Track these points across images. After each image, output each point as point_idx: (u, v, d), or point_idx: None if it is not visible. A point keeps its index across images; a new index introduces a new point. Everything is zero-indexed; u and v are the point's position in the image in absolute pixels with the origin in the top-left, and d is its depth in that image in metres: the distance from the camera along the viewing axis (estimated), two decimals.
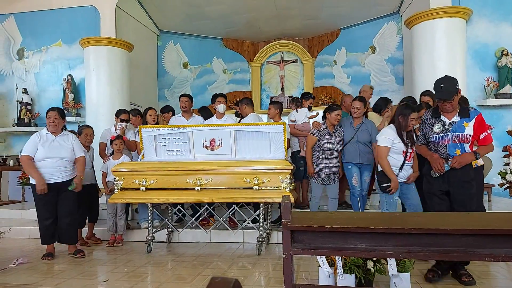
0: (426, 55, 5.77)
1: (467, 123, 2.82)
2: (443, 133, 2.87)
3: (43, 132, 3.88)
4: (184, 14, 8.13)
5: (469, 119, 2.82)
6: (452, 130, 2.84)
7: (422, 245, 1.38)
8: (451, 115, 2.89)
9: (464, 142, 2.82)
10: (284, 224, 1.50)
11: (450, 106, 2.80)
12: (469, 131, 2.81)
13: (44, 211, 3.80)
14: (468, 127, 2.81)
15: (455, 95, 2.78)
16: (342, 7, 7.80)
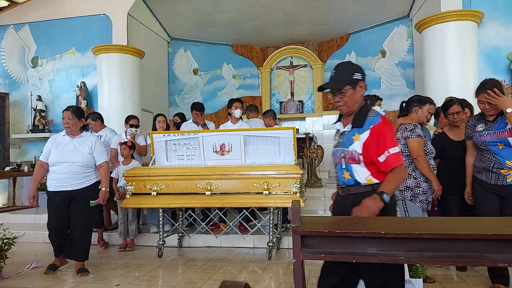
0: (437, 59, 5.73)
1: (358, 135, 1.87)
2: (336, 146, 2.02)
3: (60, 134, 3.57)
4: (194, 21, 8.23)
5: (361, 129, 1.87)
6: (342, 144, 1.96)
7: (433, 250, 1.37)
8: (347, 120, 1.99)
9: (350, 162, 1.91)
10: (294, 229, 1.51)
11: (342, 102, 1.90)
12: (356, 147, 1.87)
13: (51, 221, 3.45)
14: (357, 141, 1.87)
15: (347, 86, 1.87)
16: (350, 12, 7.81)
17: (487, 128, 2.69)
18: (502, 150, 2.61)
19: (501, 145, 2.60)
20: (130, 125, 4.86)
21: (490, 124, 2.69)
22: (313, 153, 6.17)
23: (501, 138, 2.60)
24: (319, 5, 7.56)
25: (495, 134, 2.63)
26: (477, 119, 2.80)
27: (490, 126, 2.68)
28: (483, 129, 2.70)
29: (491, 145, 2.64)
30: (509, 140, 2.57)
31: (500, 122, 2.63)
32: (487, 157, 2.68)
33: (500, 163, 2.60)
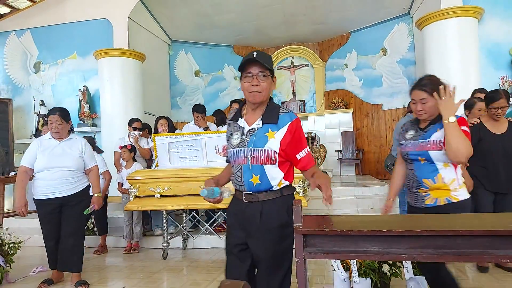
0: (438, 56, 5.71)
1: (273, 132, 1.70)
2: (239, 146, 1.75)
3: (44, 137, 3.25)
4: (194, 24, 8.25)
5: (276, 125, 1.71)
6: (252, 143, 1.71)
7: (435, 247, 1.37)
8: (252, 116, 1.78)
9: (263, 163, 1.69)
10: (296, 228, 1.51)
11: (259, 88, 1.69)
12: (273, 145, 1.69)
13: (46, 232, 3.23)
14: (272, 139, 1.69)
15: (269, 71, 1.69)
16: (350, 11, 7.80)
17: (415, 137, 2.16)
18: (422, 166, 2.08)
19: (422, 160, 2.08)
20: (133, 128, 4.88)
21: (420, 132, 2.14)
22: (315, 152, 6.17)
23: (422, 151, 2.07)
24: (319, 4, 7.56)
25: (419, 145, 2.09)
26: (411, 122, 2.29)
27: (419, 135, 2.14)
28: (411, 137, 2.18)
29: (413, 158, 2.12)
30: (431, 154, 2.03)
31: (431, 131, 2.08)
32: (409, 174, 2.18)
33: (418, 181, 2.08)
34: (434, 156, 2.03)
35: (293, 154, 1.73)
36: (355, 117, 8.90)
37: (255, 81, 1.66)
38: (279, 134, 1.70)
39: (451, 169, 2.04)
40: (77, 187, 3.24)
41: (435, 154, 2.02)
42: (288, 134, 1.70)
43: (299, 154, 1.74)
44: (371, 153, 8.69)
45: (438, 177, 2.03)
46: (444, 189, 2.02)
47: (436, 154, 2.02)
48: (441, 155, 2.02)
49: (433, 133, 2.06)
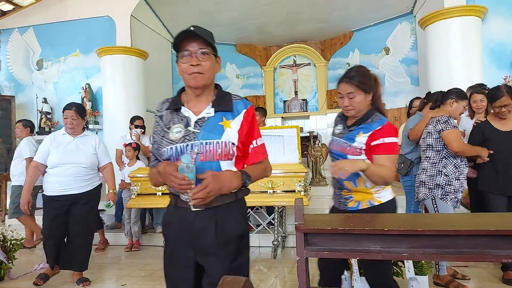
0: (441, 55, 5.69)
1: (229, 120, 1.43)
2: (184, 141, 1.40)
3: (59, 133, 3.21)
4: (197, 22, 8.13)
5: (231, 113, 1.45)
6: (201, 136, 1.39)
7: (436, 246, 1.37)
8: (196, 103, 1.46)
9: (221, 158, 1.39)
10: (297, 227, 1.51)
11: (200, 68, 1.39)
12: (231, 136, 1.41)
13: (48, 227, 3.14)
14: (229, 129, 1.42)
15: (211, 49, 1.41)
16: (353, 9, 7.78)
17: (341, 133, 1.98)
18: None
19: None
20: (135, 126, 4.89)
21: (346, 130, 1.96)
22: (317, 151, 6.16)
23: (342, 153, 1.91)
24: (322, 3, 7.54)
25: (341, 145, 1.94)
26: (341, 116, 2.08)
27: (344, 133, 1.96)
28: (338, 133, 2.00)
29: (336, 157, 1.96)
30: (349, 158, 1.87)
31: (355, 131, 1.90)
32: None
33: (340, 183, 1.95)
34: (350, 157, 1.88)
35: (248, 145, 1.48)
36: None
37: (194, 60, 1.37)
38: (235, 123, 1.42)
39: None
40: (90, 184, 3.19)
41: (354, 158, 1.85)
42: (244, 123, 1.44)
43: (252, 144, 1.47)
44: None
45: (359, 180, 1.87)
46: (367, 192, 1.89)
47: (355, 157, 1.85)
48: (362, 157, 1.86)
49: (356, 135, 1.87)
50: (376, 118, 1.88)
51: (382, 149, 1.81)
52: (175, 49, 1.43)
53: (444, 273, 2.87)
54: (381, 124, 1.85)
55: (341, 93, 1.91)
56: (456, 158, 2.80)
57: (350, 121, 1.96)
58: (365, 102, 1.88)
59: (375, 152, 1.83)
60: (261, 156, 1.50)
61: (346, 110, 1.91)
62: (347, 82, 1.88)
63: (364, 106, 1.89)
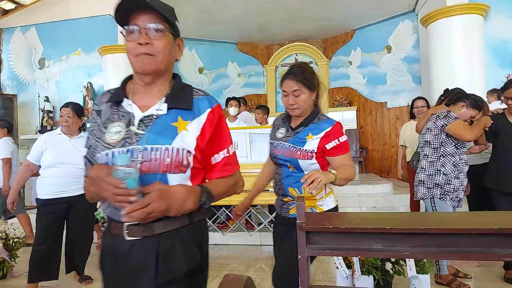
0: (443, 53, 5.67)
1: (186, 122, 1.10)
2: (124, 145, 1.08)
3: (54, 133, 3.08)
4: (198, 20, 8.24)
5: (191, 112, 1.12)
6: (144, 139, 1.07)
7: (439, 245, 1.37)
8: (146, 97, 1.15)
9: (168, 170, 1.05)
10: (299, 225, 1.51)
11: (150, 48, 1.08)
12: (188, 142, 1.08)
13: (43, 232, 2.93)
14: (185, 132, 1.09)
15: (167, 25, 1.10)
16: (355, 7, 7.76)
17: (285, 138, 1.84)
18: (290, 174, 1.81)
19: (291, 167, 1.80)
20: None
21: (290, 132, 1.83)
22: None
23: (291, 158, 1.78)
24: (324, 1, 7.52)
25: (288, 150, 1.79)
26: (283, 118, 1.92)
27: (289, 136, 1.83)
28: (281, 137, 1.86)
29: (282, 163, 1.84)
30: (300, 163, 1.76)
31: (303, 133, 1.79)
32: (275, 178, 1.90)
33: (284, 190, 1.83)
34: (303, 165, 1.77)
35: (209, 155, 1.12)
36: (359, 115, 8.87)
37: (143, 38, 1.03)
38: (194, 126, 1.07)
39: None
40: None
41: (305, 163, 1.77)
42: (207, 127, 1.08)
43: (218, 155, 1.13)
44: (374, 151, 8.67)
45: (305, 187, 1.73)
46: (310, 199, 1.80)
47: (306, 163, 1.77)
48: (311, 164, 1.77)
49: (304, 136, 1.77)
50: (323, 118, 1.80)
51: (340, 150, 1.76)
52: (119, 23, 1.08)
53: (445, 273, 2.87)
54: (331, 124, 1.77)
55: (285, 91, 1.78)
56: (454, 156, 2.74)
57: (294, 123, 1.83)
58: (310, 101, 1.78)
59: (333, 153, 1.76)
60: (231, 168, 1.15)
61: (291, 109, 1.78)
62: (292, 78, 1.76)
63: (309, 105, 1.79)
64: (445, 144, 2.76)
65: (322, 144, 1.74)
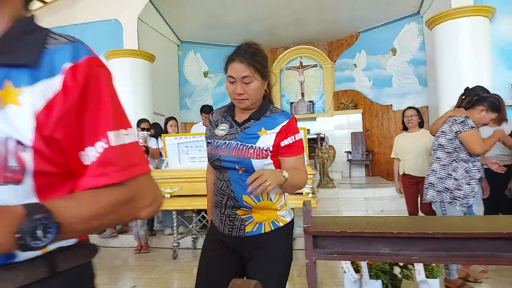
0: (449, 56, 5.65)
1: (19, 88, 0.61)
2: None
3: None
4: (203, 24, 8.28)
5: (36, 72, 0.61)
6: None
7: (447, 249, 1.36)
8: None
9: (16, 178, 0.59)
10: (306, 229, 1.51)
11: None
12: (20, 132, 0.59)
13: None
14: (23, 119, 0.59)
15: None
16: (360, 10, 7.76)
17: (230, 134, 1.47)
18: (241, 177, 1.42)
19: (241, 169, 1.43)
20: (141, 129, 4.92)
21: (236, 128, 1.48)
22: (325, 153, 6.15)
23: (242, 158, 1.41)
24: (329, 4, 7.53)
25: (236, 148, 1.42)
26: (222, 112, 1.57)
27: (235, 133, 1.47)
28: (224, 135, 1.48)
29: (228, 166, 1.45)
30: (254, 163, 1.40)
31: (253, 128, 1.45)
32: (220, 187, 1.48)
33: (236, 199, 1.43)
34: (257, 166, 1.41)
35: (75, 150, 0.63)
36: (365, 117, 8.84)
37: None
38: (33, 97, 0.60)
39: None
40: None
41: (259, 163, 1.41)
42: (62, 95, 0.60)
43: (88, 151, 0.62)
44: (381, 154, 8.63)
45: None
46: (271, 208, 1.46)
47: (260, 163, 1.41)
48: (265, 165, 1.42)
49: (256, 132, 1.43)
50: (277, 110, 1.48)
51: (295, 149, 1.44)
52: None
53: (454, 277, 2.84)
54: (287, 117, 1.45)
55: (232, 77, 1.40)
56: (467, 163, 2.68)
57: (240, 116, 1.49)
58: (261, 91, 1.46)
59: (287, 153, 1.43)
60: (114, 172, 0.62)
61: (240, 99, 1.41)
62: (242, 61, 1.39)
63: (260, 96, 1.46)
64: (459, 150, 2.71)
65: (277, 141, 1.42)
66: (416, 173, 3.89)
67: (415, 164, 3.90)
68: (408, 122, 3.99)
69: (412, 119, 3.98)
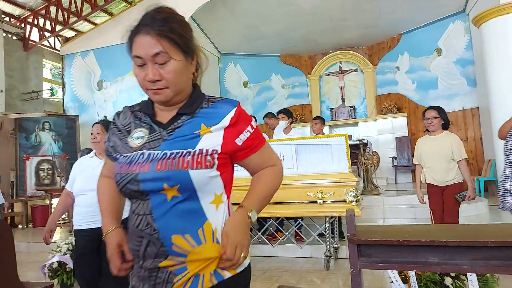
0: (499, 53, 5.36)
1: None
2: None
3: (86, 157, 2.71)
4: (242, 36, 8.47)
5: None
6: None
7: (501, 258, 1.30)
8: None
9: None
10: (350, 238, 1.51)
11: None
12: None
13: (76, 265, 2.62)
14: None
15: None
16: (400, 11, 7.57)
17: (151, 141, 0.99)
18: (170, 206, 0.94)
19: (170, 191, 0.94)
20: None
21: (160, 132, 1.00)
22: (368, 159, 6.01)
23: (172, 171, 0.93)
24: (368, 8, 7.42)
25: (162, 159, 0.95)
26: (135, 112, 1.10)
27: (160, 137, 0.99)
28: (143, 142, 1.00)
29: (150, 188, 0.95)
30: (193, 176, 0.93)
31: (185, 128, 0.99)
32: (135, 225, 0.99)
33: (162, 242, 0.94)
34: (198, 181, 0.93)
35: None
36: (410, 121, 8.55)
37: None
38: None
39: (224, 207, 1.02)
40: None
41: (201, 176, 0.93)
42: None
43: None
44: None
45: (206, 228, 0.95)
46: (214, 256, 0.95)
47: (203, 176, 0.94)
48: (211, 178, 0.96)
49: (192, 131, 0.97)
50: (215, 98, 1.03)
51: (256, 143, 1.04)
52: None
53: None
54: (233, 105, 1.00)
55: (140, 57, 0.94)
56: None
57: (163, 115, 1.02)
58: (187, 75, 1.00)
59: (250, 150, 1.04)
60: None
61: (155, 90, 0.96)
62: (150, 32, 0.94)
63: (187, 83, 1.01)
64: None
65: (229, 139, 0.98)
66: (438, 182, 3.43)
67: (435, 172, 3.45)
68: (429, 126, 3.47)
69: (433, 122, 3.43)
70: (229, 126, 0.99)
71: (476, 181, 6.54)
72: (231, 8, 7.48)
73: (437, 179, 3.44)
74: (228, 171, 1.05)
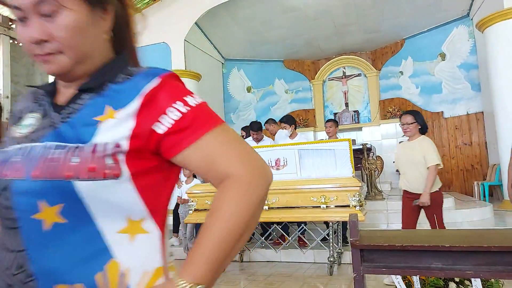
0: (503, 58, 5.35)
1: None
2: None
3: None
4: (246, 41, 8.51)
5: None
6: None
7: (504, 263, 1.29)
8: None
9: None
10: (353, 243, 1.51)
11: None
12: None
13: None
14: None
15: None
16: (404, 16, 7.58)
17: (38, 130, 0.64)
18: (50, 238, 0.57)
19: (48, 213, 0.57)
20: None
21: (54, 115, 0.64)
22: (372, 164, 5.99)
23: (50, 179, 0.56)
24: (371, 13, 7.44)
25: (42, 157, 0.58)
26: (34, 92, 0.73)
27: (51, 123, 0.63)
28: (27, 132, 0.65)
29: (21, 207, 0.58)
30: (81, 190, 0.56)
31: (86, 111, 0.62)
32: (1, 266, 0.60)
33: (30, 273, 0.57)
34: (91, 197, 0.58)
35: None
36: None
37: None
38: None
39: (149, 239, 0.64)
40: None
41: (94, 190, 0.57)
42: None
43: None
44: None
45: (110, 271, 0.59)
46: None
47: (98, 190, 0.58)
48: (117, 193, 0.59)
49: (91, 117, 0.61)
50: (138, 70, 0.72)
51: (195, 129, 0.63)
52: None
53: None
54: (155, 75, 0.66)
55: (18, 7, 0.61)
56: None
57: (63, 94, 0.69)
58: (94, 32, 0.66)
59: (183, 142, 0.62)
60: None
61: (43, 57, 0.62)
62: None
63: (94, 44, 0.67)
64: None
65: (143, 127, 0.61)
66: (413, 190, 3.26)
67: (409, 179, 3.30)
68: (405, 131, 3.35)
69: (409, 128, 3.29)
70: (142, 108, 0.61)
71: (481, 186, 6.50)
72: (234, 14, 7.53)
73: (411, 186, 3.29)
74: (158, 180, 0.64)
